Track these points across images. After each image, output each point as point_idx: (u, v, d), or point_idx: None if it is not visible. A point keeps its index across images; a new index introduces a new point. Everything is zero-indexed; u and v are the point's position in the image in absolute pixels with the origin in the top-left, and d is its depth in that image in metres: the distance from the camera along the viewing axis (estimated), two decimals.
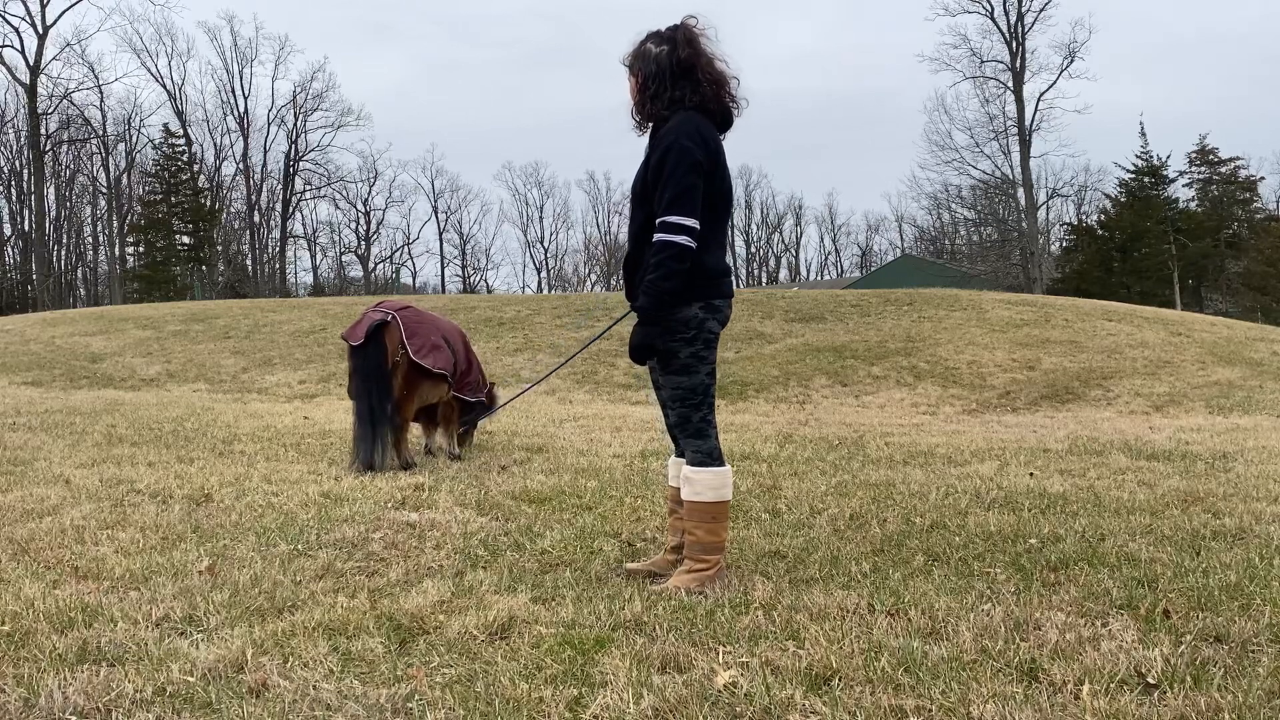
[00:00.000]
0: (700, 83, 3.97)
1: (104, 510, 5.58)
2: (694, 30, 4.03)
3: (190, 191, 63.32)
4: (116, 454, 7.81)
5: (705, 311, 3.97)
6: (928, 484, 6.35)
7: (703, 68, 3.98)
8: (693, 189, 3.83)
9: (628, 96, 4.13)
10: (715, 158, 3.94)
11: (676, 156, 3.83)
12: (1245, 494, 5.85)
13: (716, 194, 3.97)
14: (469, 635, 3.38)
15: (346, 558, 4.57)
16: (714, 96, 4.00)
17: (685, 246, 3.81)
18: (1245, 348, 17.24)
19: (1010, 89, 57.26)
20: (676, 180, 3.82)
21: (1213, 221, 54.50)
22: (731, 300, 4.12)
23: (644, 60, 4.02)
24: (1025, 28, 56.85)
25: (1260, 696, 2.71)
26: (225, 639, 3.36)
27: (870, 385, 15.50)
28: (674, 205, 3.81)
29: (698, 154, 3.84)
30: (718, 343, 4.09)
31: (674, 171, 3.82)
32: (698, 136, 3.87)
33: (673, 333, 3.95)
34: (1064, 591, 3.81)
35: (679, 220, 3.81)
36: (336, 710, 2.77)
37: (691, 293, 3.92)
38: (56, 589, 3.99)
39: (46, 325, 21.51)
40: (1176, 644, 3.16)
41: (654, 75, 3.98)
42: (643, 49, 4.05)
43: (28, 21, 56.44)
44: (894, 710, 2.68)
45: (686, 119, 3.91)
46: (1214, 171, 57.67)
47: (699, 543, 4.03)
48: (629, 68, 4.10)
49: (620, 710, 2.70)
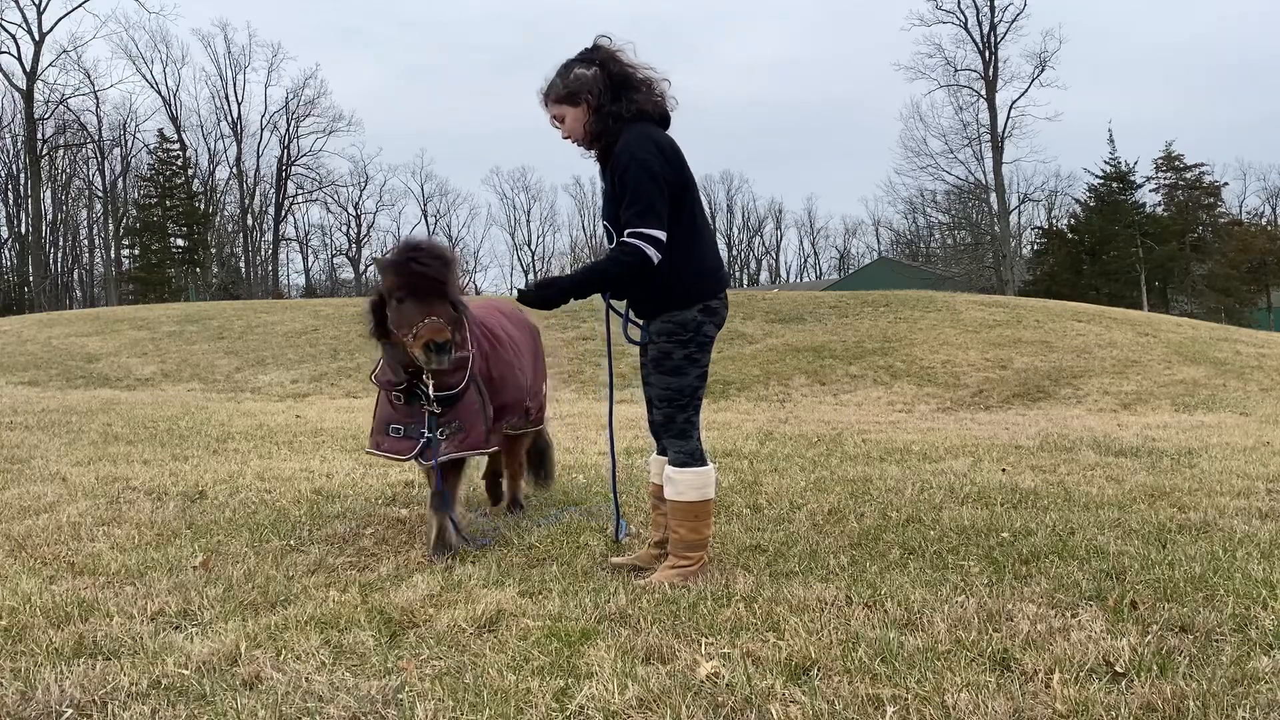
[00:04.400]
0: (636, 91, 3.95)
1: (100, 507, 5.54)
2: (611, 47, 4.01)
3: (185, 195, 63.03)
4: (112, 452, 7.77)
5: (703, 315, 3.96)
6: (903, 480, 6.37)
7: (633, 78, 3.97)
8: (656, 202, 3.80)
9: (569, 128, 4.00)
10: (676, 158, 3.93)
11: (637, 172, 3.80)
12: (1210, 489, 5.89)
13: (685, 190, 3.94)
14: (458, 628, 3.37)
15: (338, 553, 4.55)
16: (650, 102, 3.97)
17: (649, 259, 3.81)
18: (1210, 348, 17.37)
19: (983, 97, 57.55)
20: (642, 194, 3.78)
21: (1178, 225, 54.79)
22: (726, 298, 4.09)
23: (583, 85, 3.94)
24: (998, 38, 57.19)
25: (1224, 684, 2.73)
26: (219, 633, 3.34)
27: (848, 384, 15.55)
28: (643, 218, 3.79)
29: (655, 165, 3.82)
30: (712, 346, 4.06)
31: (637, 187, 3.79)
32: (652, 146, 3.85)
33: (669, 334, 3.95)
34: (1035, 583, 3.83)
35: (650, 232, 3.79)
36: (329, 701, 2.75)
37: (690, 296, 3.92)
38: (53, 584, 3.96)
39: (43, 326, 21.35)
40: (1143, 634, 3.17)
41: (597, 96, 3.93)
42: (576, 77, 3.95)
43: (24, 29, 56.27)
44: (871, 699, 2.69)
45: (637, 133, 3.88)
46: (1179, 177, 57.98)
47: (682, 540, 4.02)
48: (568, 99, 3.96)
49: (605, 701, 2.70)
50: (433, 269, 4.19)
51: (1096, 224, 53.64)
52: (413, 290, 4.16)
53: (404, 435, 4.55)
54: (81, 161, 65.25)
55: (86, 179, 66.40)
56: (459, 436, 4.57)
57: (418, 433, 4.51)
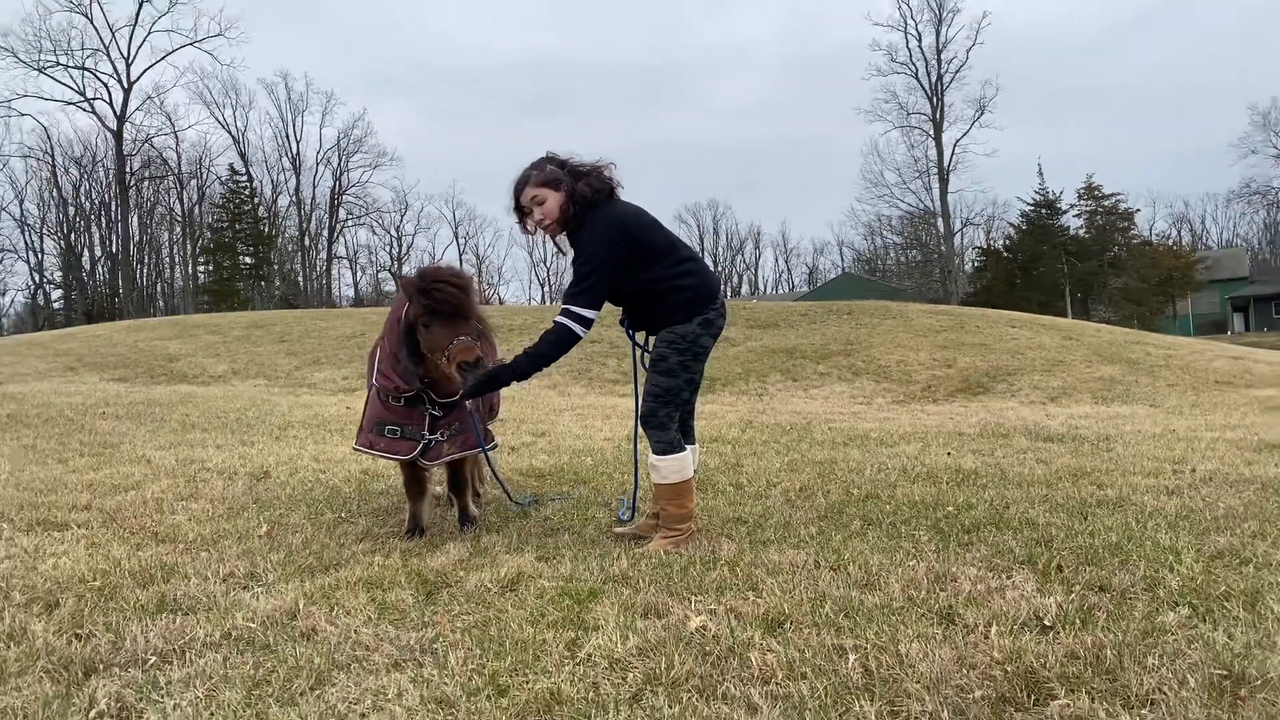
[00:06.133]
0: (591, 176, 3.96)
1: (179, 485, 5.54)
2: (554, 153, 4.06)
3: (251, 220, 62.92)
4: (190, 438, 7.76)
5: (702, 328, 3.96)
6: (863, 462, 6.36)
7: (582, 168, 3.99)
8: (594, 286, 3.81)
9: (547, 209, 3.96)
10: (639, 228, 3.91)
11: (585, 259, 3.82)
12: (1124, 469, 5.89)
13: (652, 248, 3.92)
14: (484, 588, 3.37)
15: (382, 524, 4.55)
16: (601, 181, 3.97)
17: (576, 335, 3.83)
18: (1124, 349, 17.36)
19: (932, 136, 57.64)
20: (581, 277, 3.81)
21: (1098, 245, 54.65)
22: (724, 307, 4.09)
23: (557, 175, 3.96)
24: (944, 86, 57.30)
25: (1136, 636, 2.73)
26: (281, 592, 3.34)
27: (816, 381, 15.53)
28: (575, 297, 3.81)
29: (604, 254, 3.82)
30: (706, 356, 4.04)
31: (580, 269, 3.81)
32: (613, 233, 3.84)
33: (669, 342, 3.94)
34: (975, 550, 3.82)
35: (580, 311, 3.81)
36: (374, 650, 2.75)
37: (693, 310, 3.93)
38: (139, 551, 3.96)
39: (131, 331, 21.33)
40: (1068, 593, 3.17)
41: (568, 182, 3.94)
42: (551, 171, 3.97)
43: (115, 79, 56.23)
44: (836, 648, 2.68)
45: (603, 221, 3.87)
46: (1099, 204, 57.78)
47: (670, 516, 4.02)
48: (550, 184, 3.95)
49: (610, 650, 2.69)
50: (453, 295, 3.97)
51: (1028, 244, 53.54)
52: (439, 315, 3.97)
53: (401, 436, 4.25)
54: (164, 191, 65.36)
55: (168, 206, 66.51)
56: (459, 439, 4.35)
57: (418, 434, 4.24)
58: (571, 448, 7.21)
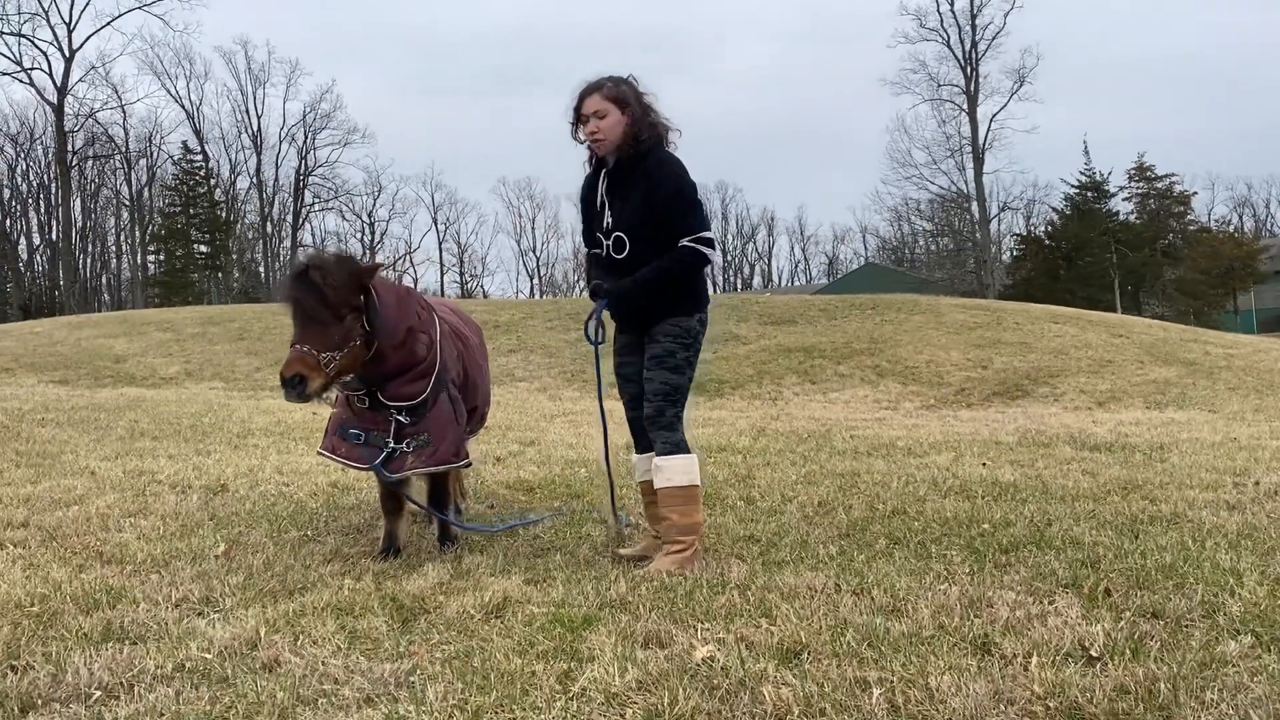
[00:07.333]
0: (657, 117, 4.16)
1: (127, 499, 5.54)
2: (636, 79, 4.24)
3: (207, 204, 62.96)
4: (139, 447, 7.76)
5: (700, 325, 4.20)
6: (889, 474, 6.37)
7: (653, 108, 4.16)
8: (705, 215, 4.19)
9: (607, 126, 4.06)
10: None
11: (691, 191, 4.10)
12: (1179, 482, 5.88)
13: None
14: (466, 614, 3.37)
15: (353, 543, 4.55)
16: (663, 127, 4.17)
17: (710, 260, 4.11)
18: (1180, 348, 17.37)
19: (965, 111, 57.55)
20: (699, 207, 4.12)
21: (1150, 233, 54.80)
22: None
23: (630, 97, 4.09)
24: (979, 55, 57.21)
25: (1193, 668, 2.73)
26: (240, 619, 3.34)
27: (837, 383, 15.55)
28: (706, 225, 4.10)
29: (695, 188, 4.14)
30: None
31: (694, 200, 4.10)
32: (688, 173, 4.12)
33: (675, 336, 4.12)
34: (1014, 572, 3.83)
35: (711, 236, 4.11)
36: (344, 684, 2.75)
37: (695, 304, 4.16)
38: (82, 573, 3.96)
39: (73, 328, 21.33)
40: (1117, 620, 3.17)
41: (637, 110, 4.08)
42: (620, 89, 4.09)
43: (55, 46, 56.14)
44: (859, 682, 2.69)
45: (674, 159, 4.15)
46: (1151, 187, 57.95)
47: (675, 525, 4.04)
48: (617, 100, 4.06)
49: (606, 683, 2.69)
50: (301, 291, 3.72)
51: (1072, 231, 53.62)
52: (292, 316, 3.76)
53: (364, 442, 4.12)
54: (109, 172, 65.39)
55: (114, 188, 66.59)
56: (426, 451, 4.14)
57: (381, 441, 4.09)
58: (564, 458, 7.21)
